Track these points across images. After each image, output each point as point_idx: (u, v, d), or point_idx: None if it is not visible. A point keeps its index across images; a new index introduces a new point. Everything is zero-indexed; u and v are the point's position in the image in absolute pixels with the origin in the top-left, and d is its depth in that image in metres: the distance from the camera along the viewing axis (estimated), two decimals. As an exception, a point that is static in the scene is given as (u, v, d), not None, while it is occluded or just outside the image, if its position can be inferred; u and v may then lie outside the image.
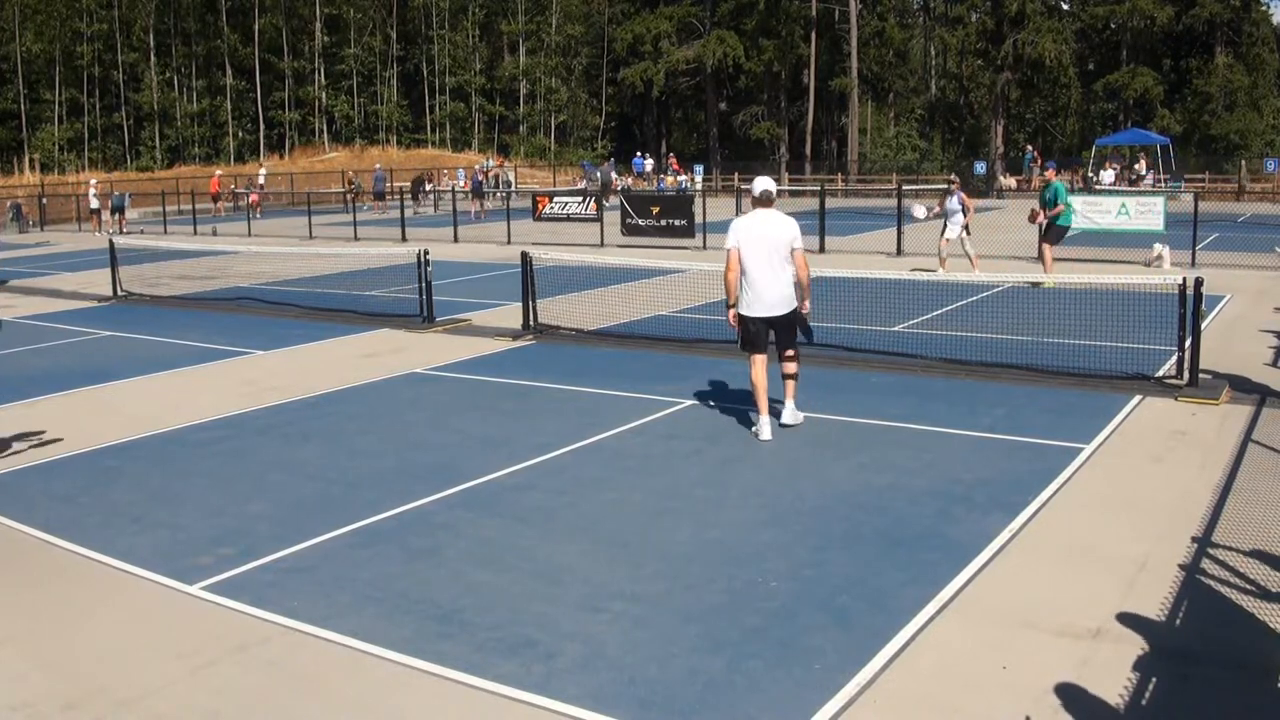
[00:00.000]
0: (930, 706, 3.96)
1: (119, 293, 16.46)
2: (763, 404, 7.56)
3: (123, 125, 59.40)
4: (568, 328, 11.88)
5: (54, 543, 5.94)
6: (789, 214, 7.63)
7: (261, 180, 42.64)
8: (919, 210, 17.99)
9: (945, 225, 16.73)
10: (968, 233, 16.51)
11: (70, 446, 7.94)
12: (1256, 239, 20.81)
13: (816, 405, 8.21)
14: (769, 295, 7.39)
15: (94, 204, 33.25)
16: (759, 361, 7.54)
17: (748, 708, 3.97)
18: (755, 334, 7.51)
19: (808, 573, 5.22)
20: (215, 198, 39.07)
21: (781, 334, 7.61)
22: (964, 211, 16.46)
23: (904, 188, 26.47)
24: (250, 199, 36.16)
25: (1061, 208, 15.41)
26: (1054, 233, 15.49)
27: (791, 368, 7.75)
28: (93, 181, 36.69)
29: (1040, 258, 15.50)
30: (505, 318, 13.05)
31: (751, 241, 7.37)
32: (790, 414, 7.84)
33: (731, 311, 7.63)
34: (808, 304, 7.68)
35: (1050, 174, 16.93)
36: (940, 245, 16.70)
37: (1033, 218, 15.71)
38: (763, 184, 7.56)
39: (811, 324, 7.92)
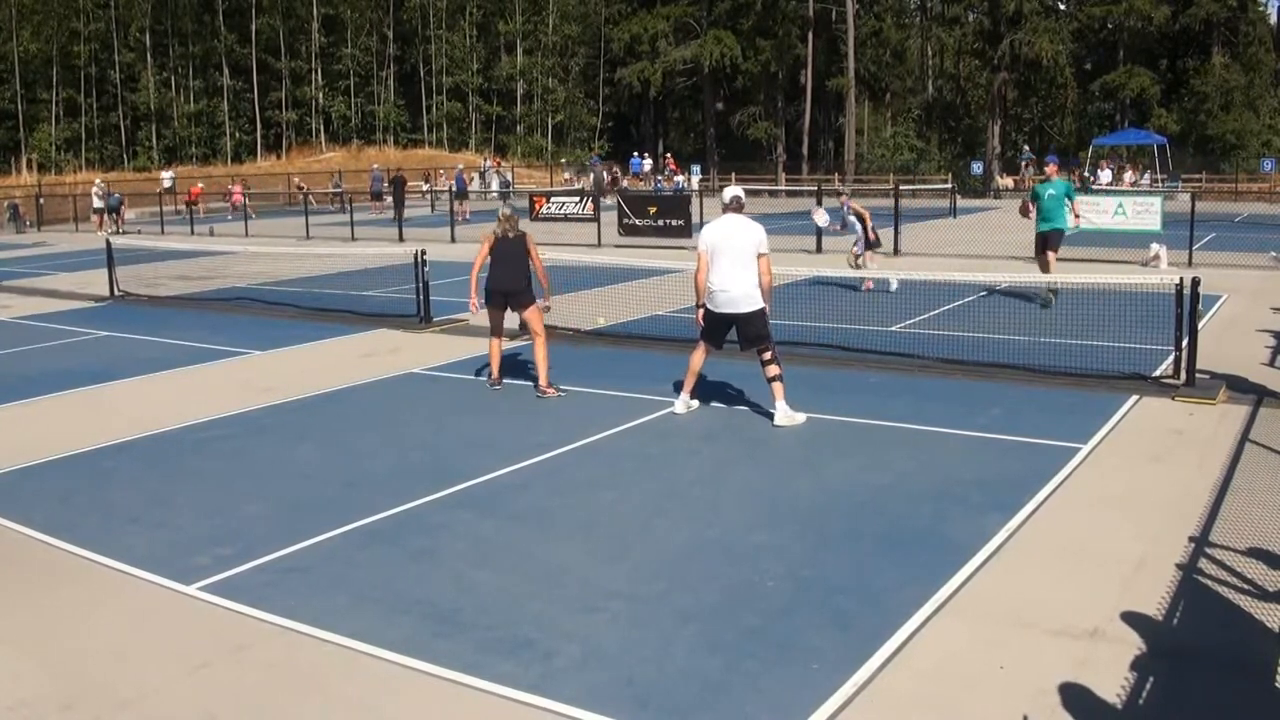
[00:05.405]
0: (927, 706, 3.97)
1: (116, 293, 16.43)
2: (688, 385, 8.34)
3: (120, 125, 59.32)
4: (564, 328, 11.87)
5: (51, 543, 5.93)
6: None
7: (166, 184, 40.56)
8: (820, 218, 16.31)
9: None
10: (871, 248, 15.08)
11: (68, 447, 7.92)
12: (1253, 239, 20.85)
13: (814, 405, 8.21)
14: (731, 293, 7.92)
15: (97, 204, 33.17)
16: (701, 347, 8.29)
17: (745, 707, 3.97)
18: (712, 328, 8.16)
19: (805, 573, 5.22)
20: (192, 204, 38.79)
21: (744, 330, 8.04)
22: (861, 224, 14.89)
23: (900, 187, 26.47)
24: (233, 199, 35.71)
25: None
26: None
27: (771, 370, 7.97)
28: (97, 181, 36.38)
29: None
30: (503, 318, 13.02)
31: (718, 245, 7.93)
32: (781, 415, 7.92)
33: (700, 310, 8.17)
34: (768, 306, 8.09)
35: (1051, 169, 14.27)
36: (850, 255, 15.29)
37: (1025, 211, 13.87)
38: (732, 191, 8.23)
39: (800, 325, 8.17)
